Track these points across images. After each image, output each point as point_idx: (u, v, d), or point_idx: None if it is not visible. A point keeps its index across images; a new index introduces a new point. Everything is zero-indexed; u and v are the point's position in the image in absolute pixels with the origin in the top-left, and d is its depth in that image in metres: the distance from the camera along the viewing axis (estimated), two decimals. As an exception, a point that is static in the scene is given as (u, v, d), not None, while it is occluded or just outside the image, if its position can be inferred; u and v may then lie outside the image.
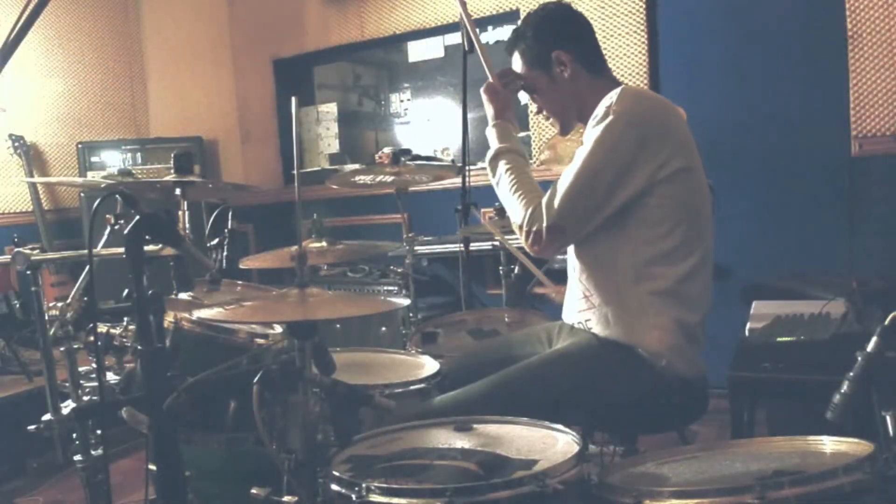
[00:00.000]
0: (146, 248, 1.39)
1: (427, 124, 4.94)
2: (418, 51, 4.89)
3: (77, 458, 1.94)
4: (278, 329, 1.83)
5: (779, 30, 3.61)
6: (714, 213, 1.88)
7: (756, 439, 1.50)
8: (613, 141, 1.71)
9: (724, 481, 1.26)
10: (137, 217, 1.38)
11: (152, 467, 1.57)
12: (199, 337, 1.75)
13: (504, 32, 4.41)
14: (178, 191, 2.18)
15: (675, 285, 1.75)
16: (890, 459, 1.16)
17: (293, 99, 1.53)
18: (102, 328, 1.85)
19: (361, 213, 4.82)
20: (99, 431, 1.94)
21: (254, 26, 5.20)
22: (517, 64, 1.98)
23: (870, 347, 1.28)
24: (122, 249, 1.38)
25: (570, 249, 1.90)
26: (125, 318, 1.86)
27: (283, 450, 1.41)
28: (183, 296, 1.93)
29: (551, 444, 1.42)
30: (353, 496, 1.25)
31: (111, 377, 1.91)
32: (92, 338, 1.82)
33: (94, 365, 1.89)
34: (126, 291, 1.37)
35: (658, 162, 1.71)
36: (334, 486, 1.31)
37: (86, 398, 1.97)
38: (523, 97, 2.34)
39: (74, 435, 1.95)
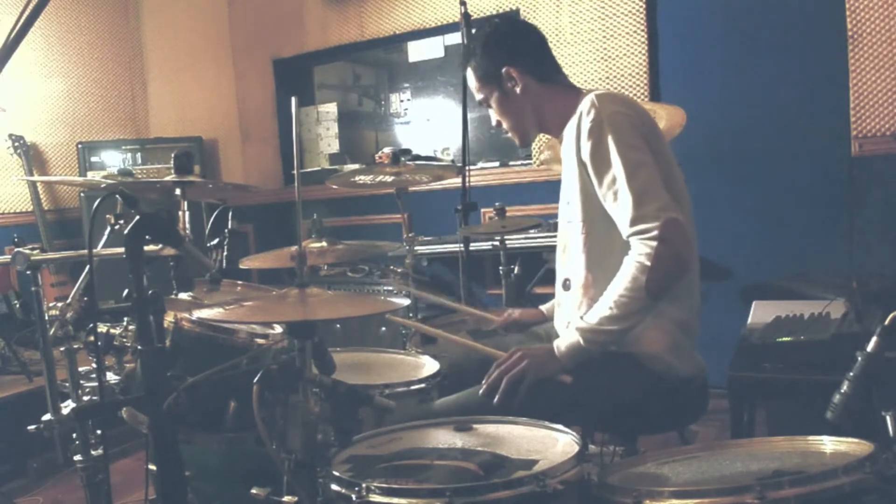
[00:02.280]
0: (146, 248, 1.39)
1: (427, 124, 4.94)
2: (418, 51, 4.89)
3: (77, 458, 1.94)
4: (278, 329, 1.83)
5: (779, 30, 3.61)
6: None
7: (756, 439, 1.50)
8: (628, 139, 1.71)
9: (724, 481, 1.26)
10: (137, 217, 1.38)
11: (152, 467, 1.57)
12: (199, 337, 1.74)
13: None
14: (178, 191, 2.17)
15: None
16: (890, 459, 1.16)
17: (293, 99, 1.53)
18: (102, 328, 1.85)
19: (361, 213, 4.82)
20: (99, 431, 1.94)
21: (254, 26, 5.20)
22: (470, 79, 2.00)
23: (870, 347, 1.28)
24: (122, 249, 1.38)
25: (577, 278, 1.86)
26: (125, 318, 1.86)
27: (283, 450, 1.40)
28: (183, 296, 1.94)
29: (551, 444, 1.42)
30: (353, 496, 1.25)
31: (111, 377, 1.92)
32: (92, 338, 1.82)
33: (94, 365, 1.89)
34: (126, 291, 1.36)
35: (654, 148, 1.74)
36: (334, 486, 1.31)
37: (86, 398, 1.97)
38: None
39: (74, 435, 1.95)
